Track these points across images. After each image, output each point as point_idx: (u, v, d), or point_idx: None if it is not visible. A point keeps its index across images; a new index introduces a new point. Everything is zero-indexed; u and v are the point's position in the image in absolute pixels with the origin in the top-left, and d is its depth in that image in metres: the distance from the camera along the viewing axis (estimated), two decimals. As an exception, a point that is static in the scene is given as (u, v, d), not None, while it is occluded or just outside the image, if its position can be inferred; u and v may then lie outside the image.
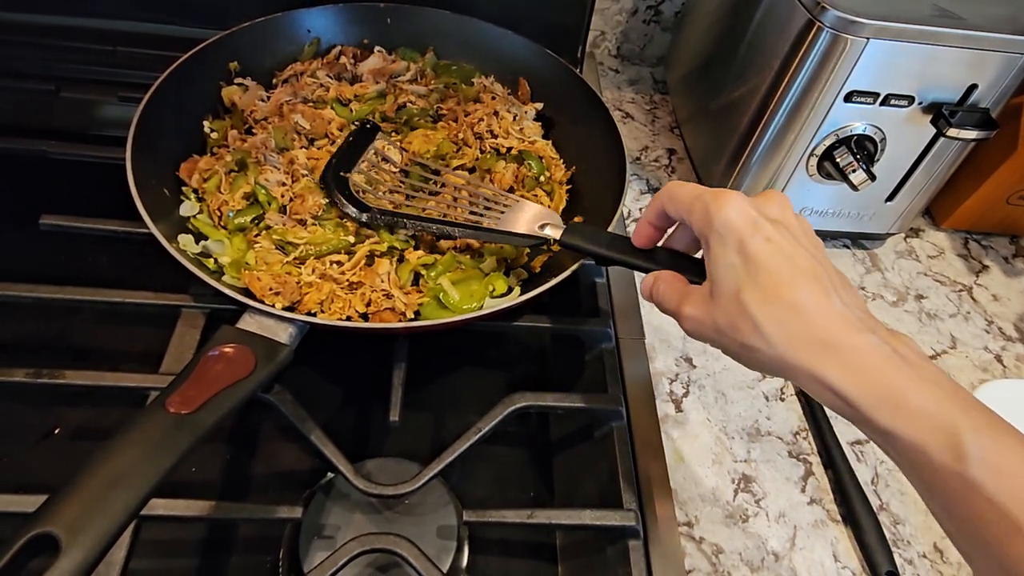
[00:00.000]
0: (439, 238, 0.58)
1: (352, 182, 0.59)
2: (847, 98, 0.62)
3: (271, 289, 0.51)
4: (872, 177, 0.65)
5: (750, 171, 0.71)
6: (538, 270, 0.59)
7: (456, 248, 0.58)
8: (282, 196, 0.59)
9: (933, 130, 0.64)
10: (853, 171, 0.65)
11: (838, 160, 0.66)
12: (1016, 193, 0.76)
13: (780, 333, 0.35)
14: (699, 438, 0.60)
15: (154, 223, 0.50)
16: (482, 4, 0.73)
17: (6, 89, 0.71)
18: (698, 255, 0.44)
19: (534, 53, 0.72)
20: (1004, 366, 0.70)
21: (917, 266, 0.79)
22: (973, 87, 0.62)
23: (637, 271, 0.47)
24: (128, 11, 0.72)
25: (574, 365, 0.61)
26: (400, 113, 0.68)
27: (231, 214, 0.57)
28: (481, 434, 0.49)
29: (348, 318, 0.52)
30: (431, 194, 0.60)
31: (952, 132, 0.62)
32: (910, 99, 0.63)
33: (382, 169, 0.62)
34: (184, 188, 0.59)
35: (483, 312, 0.53)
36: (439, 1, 0.72)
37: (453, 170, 0.63)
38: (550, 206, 0.64)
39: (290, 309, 0.51)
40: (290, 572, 0.47)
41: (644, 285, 0.44)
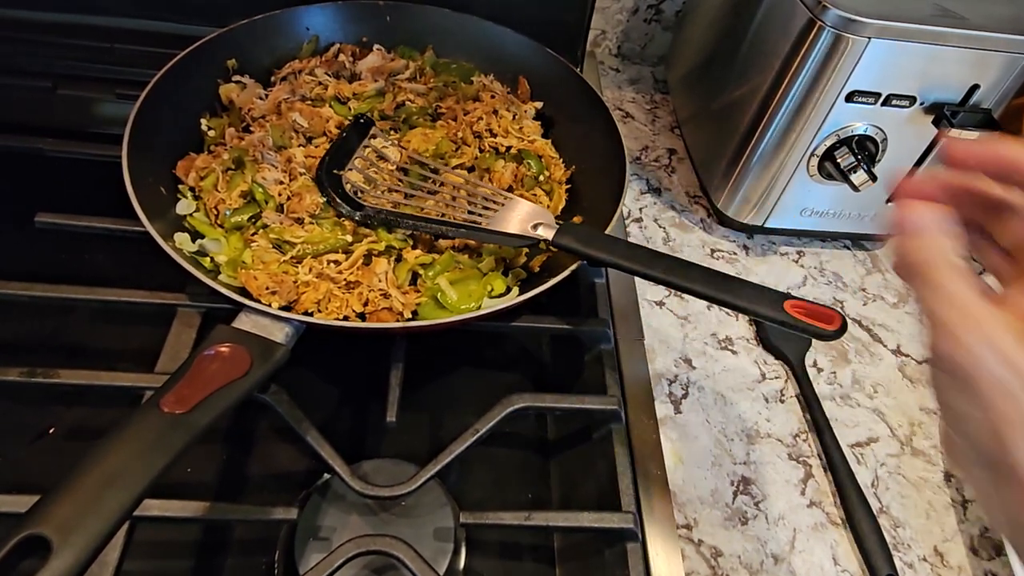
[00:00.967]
0: (435, 237, 0.58)
1: (351, 180, 0.59)
2: (848, 98, 0.62)
3: (267, 288, 0.50)
4: (873, 178, 0.64)
5: (751, 171, 0.70)
6: (537, 270, 0.59)
7: (454, 247, 0.58)
8: (279, 194, 0.59)
9: (934, 130, 0.64)
10: (854, 171, 0.65)
11: (839, 160, 0.66)
12: (1018, 194, 0.76)
13: None
14: (698, 440, 0.59)
15: (150, 221, 0.50)
16: (482, 2, 0.73)
17: (3, 86, 0.71)
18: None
19: (534, 52, 0.71)
20: (1005, 368, 0.69)
21: (918, 267, 0.78)
22: (975, 87, 0.62)
23: (632, 275, 0.47)
24: (126, 8, 0.72)
25: (573, 366, 0.61)
26: (399, 111, 0.68)
27: (228, 212, 0.57)
28: (479, 435, 0.49)
29: (345, 318, 0.52)
30: (430, 193, 0.60)
31: (954, 133, 0.62)
32: (912, 99, 0.62)
33: (380, 168, 0.62)
34: (181, 186, 0.59)
35: (481, 312, 0.53)
36: (438, -1, 0.72)
37: (452, 169, 0.63)
38: (549, 206, 0.63)
39: (287, 308, 0.51)
40: (286, 574, 0.47)
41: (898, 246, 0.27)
